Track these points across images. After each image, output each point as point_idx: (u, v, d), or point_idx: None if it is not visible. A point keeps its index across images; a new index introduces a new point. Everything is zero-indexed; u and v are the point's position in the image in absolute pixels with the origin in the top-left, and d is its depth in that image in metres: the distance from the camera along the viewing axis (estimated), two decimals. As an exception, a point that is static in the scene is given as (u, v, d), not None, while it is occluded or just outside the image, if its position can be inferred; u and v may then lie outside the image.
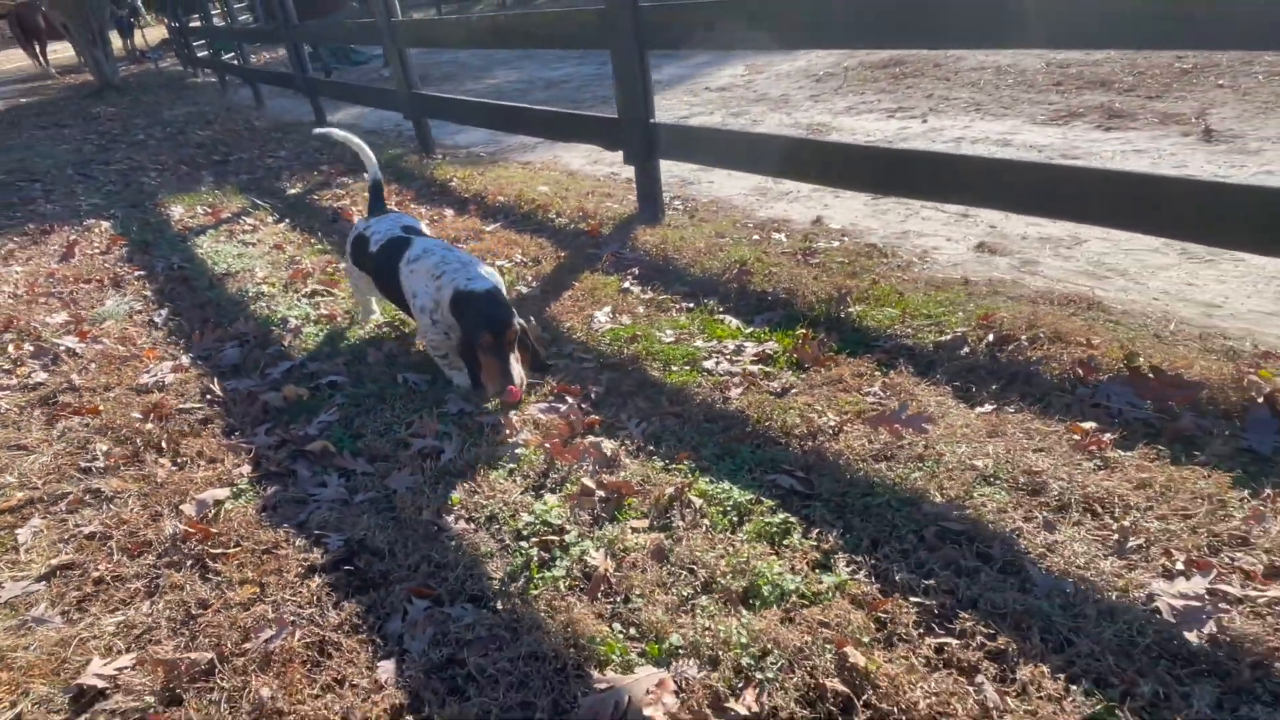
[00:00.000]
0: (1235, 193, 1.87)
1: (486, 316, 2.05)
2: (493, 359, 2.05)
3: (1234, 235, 1.91)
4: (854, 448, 1.86)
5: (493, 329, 2.03)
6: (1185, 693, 1.19)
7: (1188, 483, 1.60)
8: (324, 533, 1.77)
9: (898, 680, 1.25)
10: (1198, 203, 1.93)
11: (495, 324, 2.04)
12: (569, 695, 1.31)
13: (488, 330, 2.04)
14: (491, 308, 2.08)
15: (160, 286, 3.55)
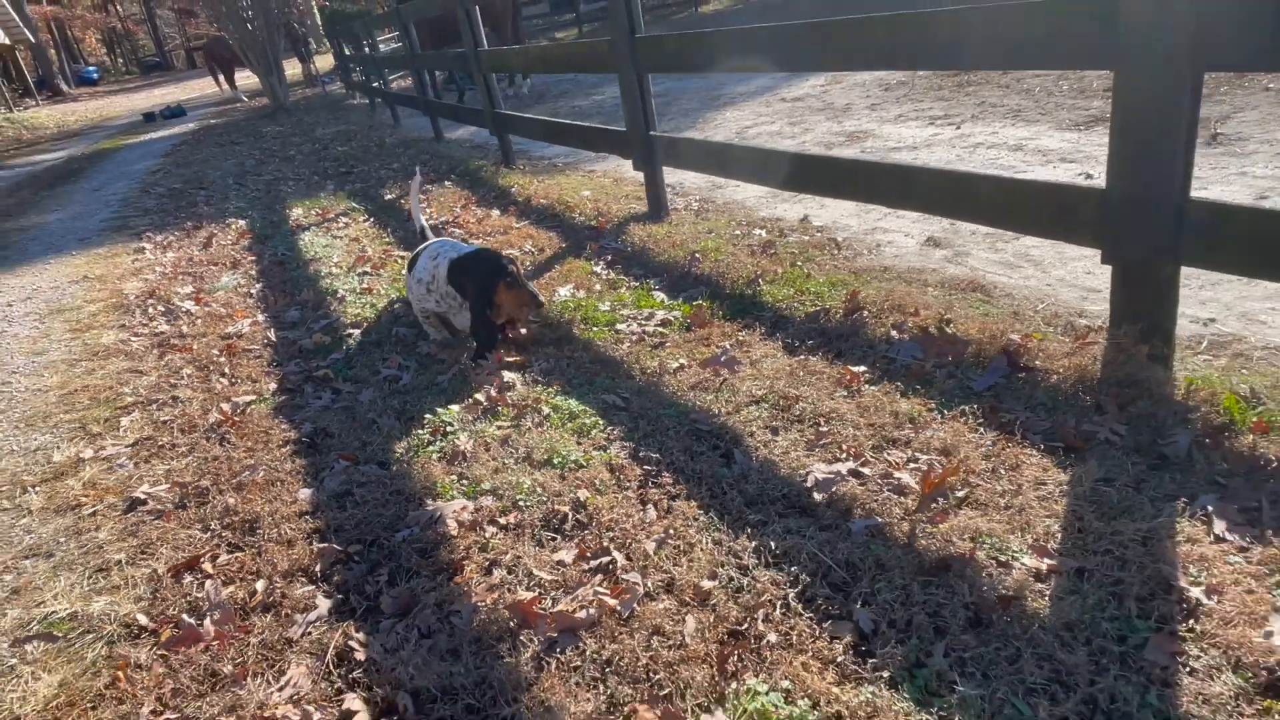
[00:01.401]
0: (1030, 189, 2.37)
1: (491, 265, 2.79)
2: (517, 290, 2.79)
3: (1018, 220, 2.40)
4: (680, 381, 2.53)
5: (505, 271, 2.78)
6: (785, 528, 1.80)
7: (894, 405, 2.16)
8: (304, 423, 2.67)
9: (602, 505, 1.94)
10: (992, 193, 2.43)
11: (503, 267, 2.78)
12: (412, 508, 2.09)
13: (503, 275, 2.77)
14: (489, 258, 2.83)
15: (263, 268, 4.71)
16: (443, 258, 2.94)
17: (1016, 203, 2.42)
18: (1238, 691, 1.25)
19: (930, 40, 2.44)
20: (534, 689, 1.48)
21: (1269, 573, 1.44)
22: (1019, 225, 2.48)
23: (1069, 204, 2.26)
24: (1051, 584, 1.49)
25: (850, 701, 1.33)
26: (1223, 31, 1.75)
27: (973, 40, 2.33)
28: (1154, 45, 1.89)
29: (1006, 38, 2.24)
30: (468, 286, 2.82)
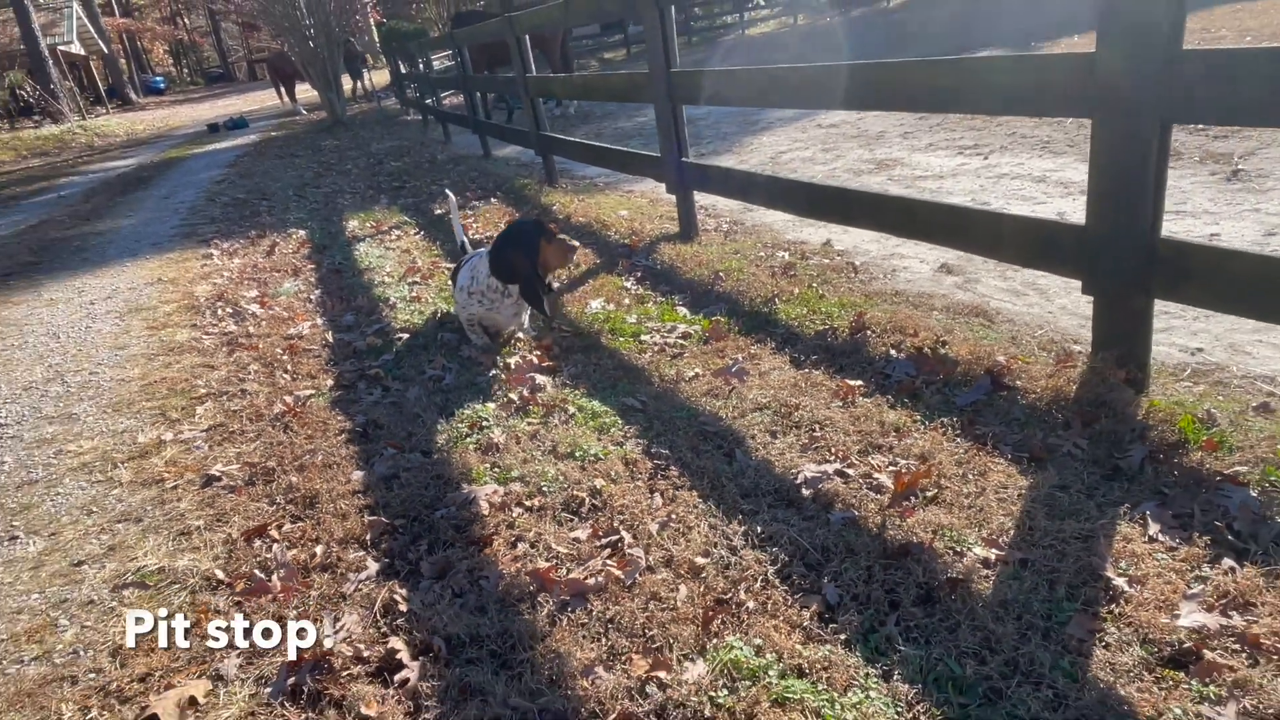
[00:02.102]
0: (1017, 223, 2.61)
1: (528, 231, 3.17)
2: (555, 243, 3.20)
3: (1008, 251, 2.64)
4: (693, 388, 2.80)
5: (543, 231, 3.17)
6: (773, 518, 2.06)
7: (882, 416, 2.40)
8: (357, 415, 3.00)
9: (615, 493, 2.23)
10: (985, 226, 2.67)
11: (538, 228, 3.18)
12: (450, 491, 2.40)
13: (541, 235, 3.15)
14: (523, 225, 3.23)
15: (321, 275, 5.11)
16: (478, 261, 3.31)
17: (1007, 235, 2.66)
18: (1142, 662, 1.47)
19: (933, 85, 2.70)
20: (547, 640, 1.76)
21: (1189, 568, 1.66)
22: (1008, 256, 2.72)
23: (1053, 238, 2.50)
24: (996, 570, 1.73)
25: (810, 656, 1.58)
26: (1188, 89, 1.98)
27: (971, 86, 2.58)
28: (1126, 98, 2.13)
29: (1000, 85, 2.49)
30: (510, 256, 3.15)
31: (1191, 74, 1.99)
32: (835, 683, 1.52)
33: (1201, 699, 1.38)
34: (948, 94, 2.65)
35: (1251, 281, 2.02)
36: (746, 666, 1.58)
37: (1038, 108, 2.44)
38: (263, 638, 1.86)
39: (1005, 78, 2.45)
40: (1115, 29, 2.07)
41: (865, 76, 2.97)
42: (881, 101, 3.02)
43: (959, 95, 2.61)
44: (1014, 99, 2.46)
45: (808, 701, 1.48)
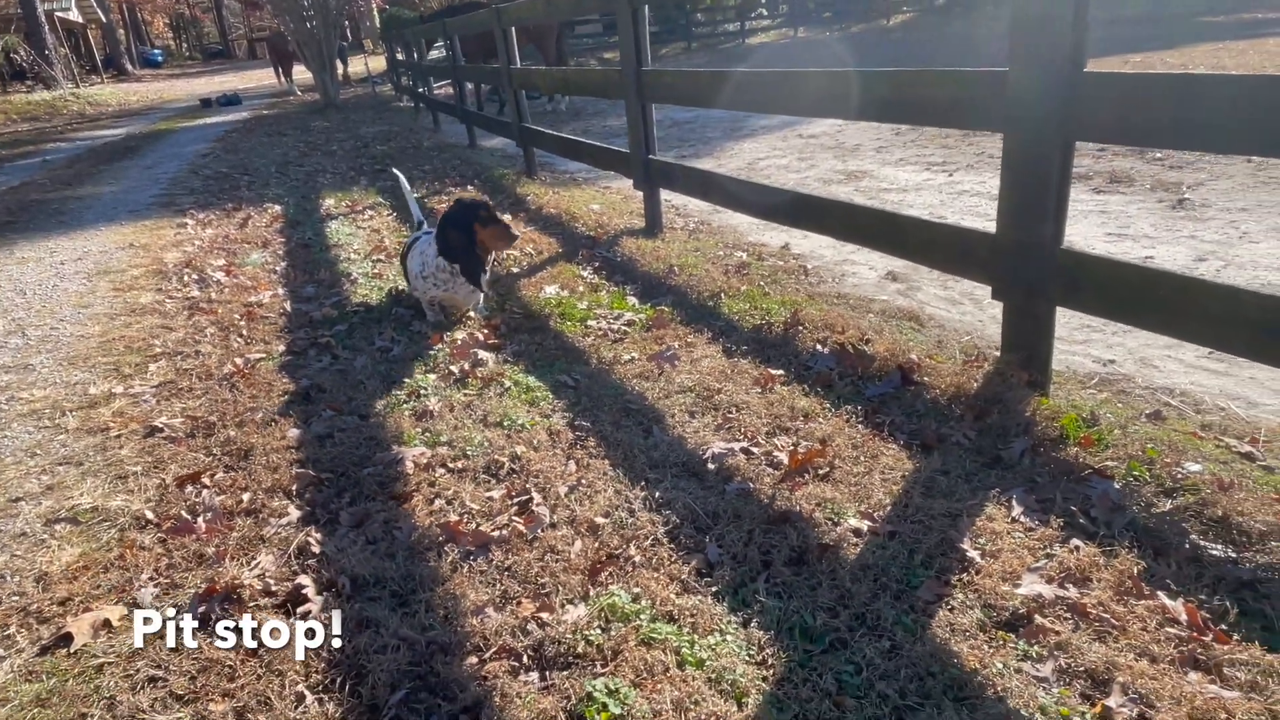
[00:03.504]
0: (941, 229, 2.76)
1: (466, 207, 3.26)
2: (493, 226, 3.24)
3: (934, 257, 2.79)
4: (627, 370, 2.94)
5: (477, 214, 3.23)
6: (675, 486, 2.20)
7: (794, 402, 2.55)
8: (302, 379, 3.12)
9: (534, 459, 2.36)
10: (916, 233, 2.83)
11: (475, 209, 3.24)
12: (380, 451, 2.52)
13: (477, 218, 3.23)
14: (464, 204, 3.28)
15: (290, 249, 5.22)
16: (426, 240, 3.38)
17: (933, 242, 2.82)
18: (978, 623, 1.62)
19: (869, 94, 2.85)
20: (447, 584, 1.89)
21: (1041, 546, 1.81)
22: (936, 262, 2.87)
23: (970, 246, 2.65)
24: (866, 540, 1.88)
25: (682, 605, 1.72)
26: (1088, 108, 2.14)
27: (898, 98, 2.74)
28: (1032, 114, 2.28)
29: (926, 97, 2.64)
30: (450, 235, 3.24)
31: (1092, 94, 2.15)
32: (699, 627, 1.65)
33: (1025, 657, 1.53)
34: (882, 103, 2.80)
35: (1137, 292, 2.17)
36: (622, 611, 1.71)
37: (959, 120, 2.60)
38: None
39: (931, 90, 2.61)
40: (1022, 48, 2.23)
41: (813, 84, 3.12)
42: (826, 108, 3.18)
43: (891, 105, 2.77)
44: (938, 110, 2.61)
45: (670, 642, 1.61)
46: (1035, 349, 2.53)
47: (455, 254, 3.28)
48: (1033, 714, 1.39)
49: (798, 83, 3.19)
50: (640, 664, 1.57)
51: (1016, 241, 2.44)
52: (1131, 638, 1.52)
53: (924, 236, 2.83)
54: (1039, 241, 2.37)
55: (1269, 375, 2.67)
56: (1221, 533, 1.78)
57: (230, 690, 1.62)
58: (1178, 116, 1.94)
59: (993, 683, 1.46)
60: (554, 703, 1.51)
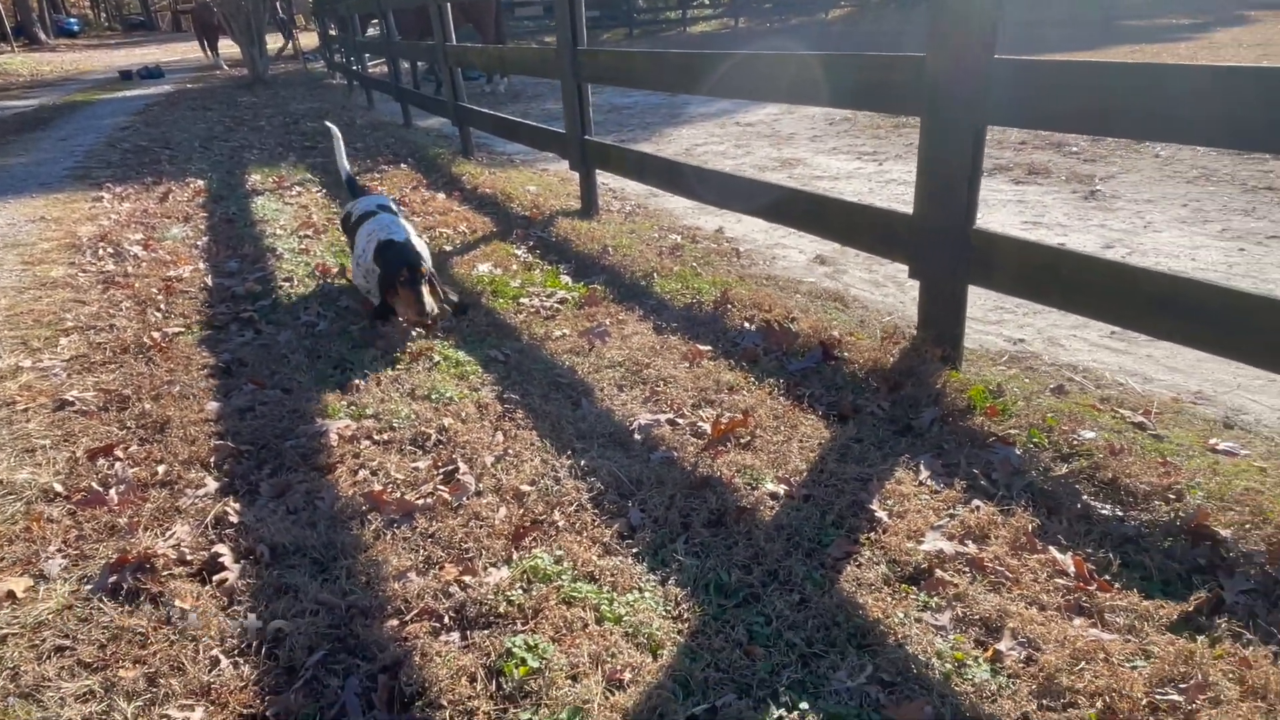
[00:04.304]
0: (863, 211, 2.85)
1: (401, 257, 2.90)
2: (408, 290, 2.86)
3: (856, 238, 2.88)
4: (558, 346, 2.96)
5: (409, 265, 2.88)
6: (601, 455, 2.24)
7: (720, 375, 2.61)
8: (224, 353, 3.05)
9: (461, 430, 2.37)
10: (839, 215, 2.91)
11: (408, 262, 2.88)
12: (303, 424, 2.49)
13: (405, 266, 2.88)
14: (404, 251, 2.93)
15: (213, 224, 5.07)
16: (377, 236, 3.08)
17: (855, 224, 2.91)
18: (883, 577, 1.70)
19: (794, 76, 2.92)
20: (370, 551, 1.89)
21: (945, 506, 1.91)
22: (857, 243, 2.97)
23: (889, 228, 2.75)
24: (782, 503, 1.95)
25: (603, 565, 1.76)
26: (999, 94, 2.23)
27: (818, 80, 2.81)
28: (947, 99, 2.38)
29: (847, 81, 2.72)
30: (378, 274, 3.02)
31: (1002, 81, 2.25)
32: (619, 586, 1.70)
33: (925, 608, 1.62)
34: (806, 86, 2.87)
35: (1041, 270, 2.29)
36: (544, 572, 1.75)
37: (880, 103, 2.68)
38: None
39: (855, 74, 2.69)
40: (939, 34, 2.32)
41: (743, 66, 3.18)
42: (748, 90, 3.24)
43: (818, 87, 2.84)
44: (861, 93, 2.70)
45: (590, 600, 1.66)
46: (949, 326, 2.64)
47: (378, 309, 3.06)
48: (930, 659, 1.47)
49: (729, 65, 3.25)
50: (560, 621, 1.61)
51: (931, 223, 2.54)
52: (1023, 588, 1.62)
53: (847, 219, 2.93)
54: (952, 223, 2.48)
55: (1165, 353, 2.84)
56: (1110, 493, 1.90)
57: (142, 657, 1.60)
58: (1081, 103, 2.05)
59: (894, 631, 1.54)
60: (474, 659, 1.53)
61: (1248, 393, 2.58)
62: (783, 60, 2.96)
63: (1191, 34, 13.55)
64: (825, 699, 1.40)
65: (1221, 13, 16.73)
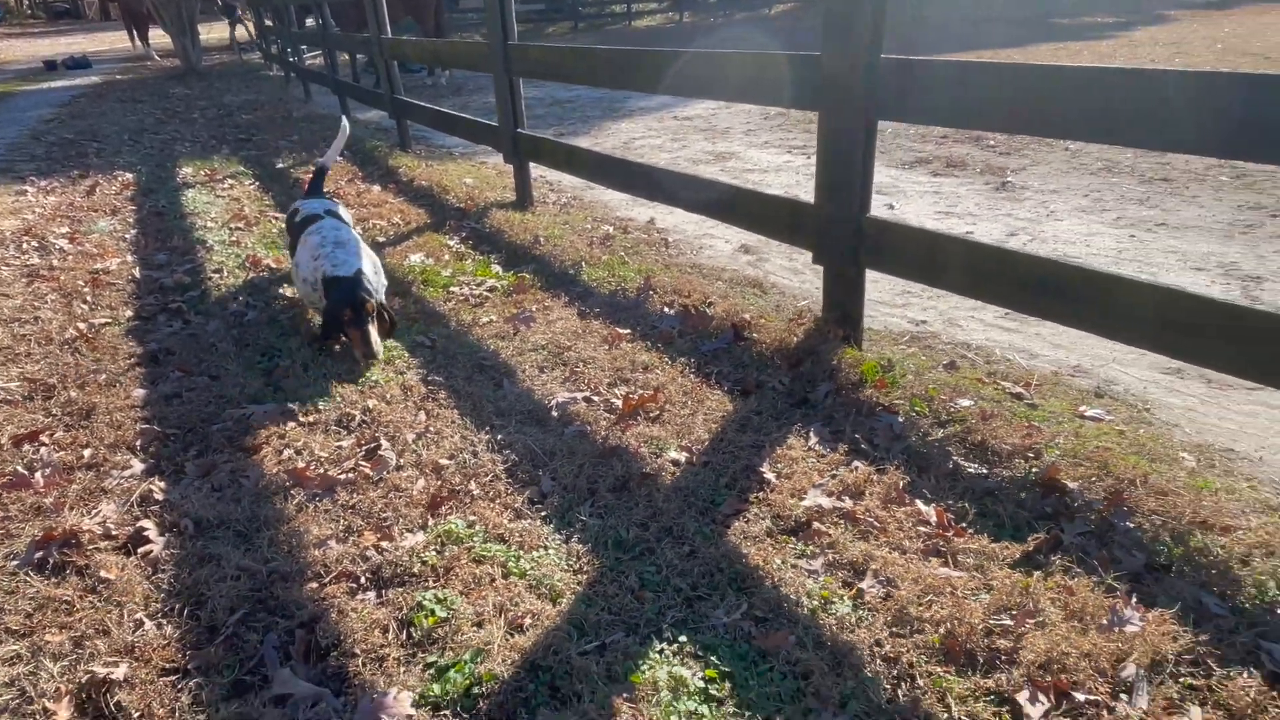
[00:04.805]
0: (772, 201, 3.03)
1: (347, 294, 2.75)
2: (354, 330, 2.75)
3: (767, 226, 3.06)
4: (484, 331, 3.09)
5: (352, 305, 2.74)
6: (518, 431, 2.37)
7: (637, 356, 2.77)
8: (151, 343, 3.11)
9: (385, 411, 2.48)
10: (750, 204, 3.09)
11: (354, 301, 2.75)
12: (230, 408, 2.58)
13: (349, 307, 2.73)
14: (352, 289, 2.76)
15: (142, 217, 5.06)
16: (324, 264, 2.89)
17: (766, 214, 3.09)
18: (767, 530, 1.88)
19: (698, 73, 3.09)
20: (292, 522, 2.00)
21: (828, 468, 2.10)
22: (769, 231, 3.15)
23: (795, 216, 2.93)
24: (683, 468, 2.11)
25: (513, 528, 1.90)
26: (885, 90, 2.42)
27: (728, 77, 2.99)
28: (840, 94, 2.56)
29: (751, 77, 2.90)
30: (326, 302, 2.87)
31: (888, 77, 2.44)
32: (526, 545, 1.85)
33: (801, 555, 1.80)
34: (717, 82, 3.05)
35: (927, 254, 2.49)
36: (457, 536, 1.88)
37: (782, 98, 2.86)
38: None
39: (760, 71, 2.87)
40: (830, 34, 2.50)
41: (662, 63, 3.34)
42: (666, 85, 3.39)
43: (728, 83, 3.01)
44: (766, 90, 2.87)
45: (498, 558, 1.80)
46: (849, 308, 2.84)
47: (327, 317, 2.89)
48: (800, 597, 1.65)
49: (650, 61, 3.40)
50: (469, 577, 1.75)
51: (830, 211, 2.73)
52: (889, 536, 1.81)
53: (759, 209, 3.11)
54: (848, 211, 2.67)
55: (1051, 332, 3.08)
56: (978, 453, 2.11)
57: (68, 623, 1.69)
58: (954, 98, 2.25)
59: (771, 575, 1.72)
60: (387, 614, 1.67)
61: (1121, 366, 2.82)
62: (697, 57, 3.13)
63: (1115, 32, 14.16)
64: (703, 633, 1.57)
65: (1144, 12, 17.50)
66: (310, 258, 2.97)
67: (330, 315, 2.81)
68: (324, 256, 2.91)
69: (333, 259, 2.89)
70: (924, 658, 1.48)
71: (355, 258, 2.93)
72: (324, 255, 2.91)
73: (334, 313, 2.79)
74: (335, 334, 2.86)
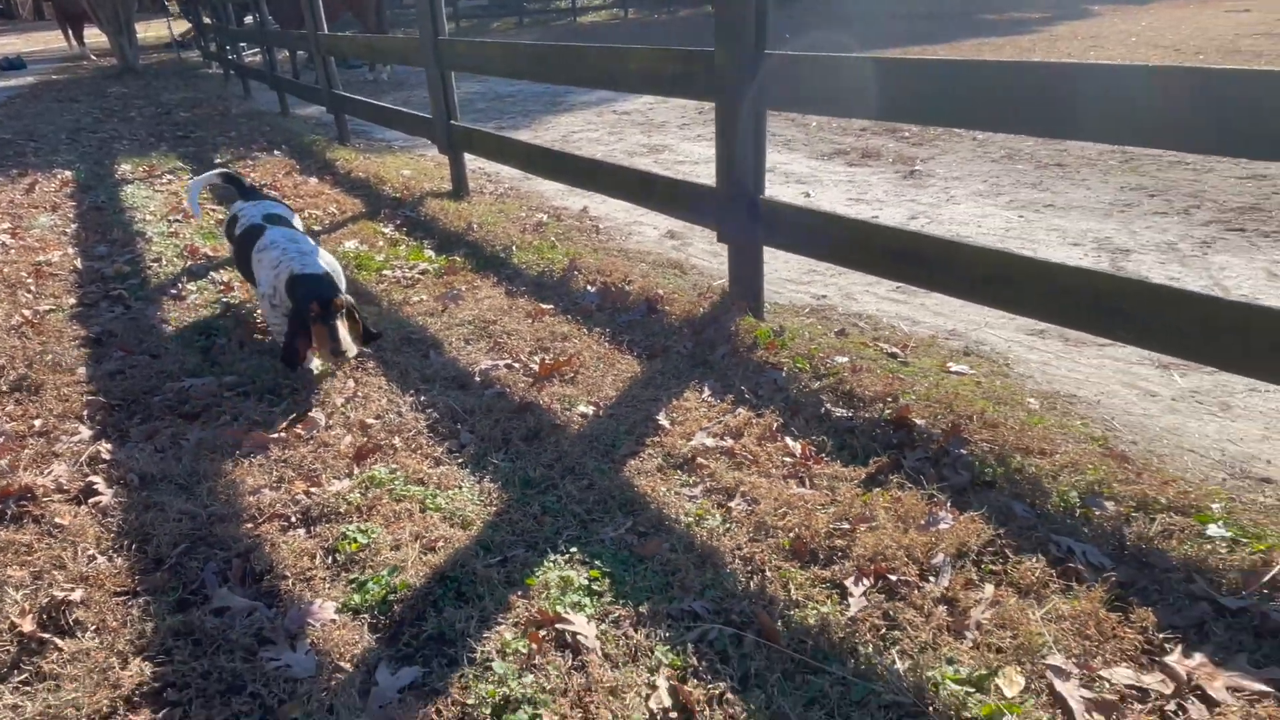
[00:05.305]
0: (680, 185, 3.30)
1: (315, 290, 2.54)
2: (321, 326, 2.50)
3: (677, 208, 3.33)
4: (414, 309, 3.31)
5: (320, 299, 2.51)
6: (442, 393, 2.61)
7: (557, 327, 3.02)
8: (94, 327, 3.27)
9: (313, 379, 2.70)
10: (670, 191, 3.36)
11: (322, 295, 2.53)
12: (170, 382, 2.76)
13: (316, 300, 2.50)
14: (318, 284, 2.57)
15: (81, 212, 5.16)
16: (284, 269, 2.69)
17: (678, 196, 3.36)
18: (658, 466, 2.15)
19: (603, 66, 3.35)
20: (228, 476, 2.21)
21: (716, 416, 2.38)
22: (679, 213, 3.42)
23: (701, 198, 3.21)
24: (589, 420, 2.38)
25: (432, 473, 2.15)
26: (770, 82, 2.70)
27: (627, 71, 3.25)
28: (732, 86, 2.83)
29: (658, 71, 3.16)
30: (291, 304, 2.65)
31: (772, 72, 2.72)
32: (442, 485, 2.09)
33: (684, 484, 2.07)
34: (616, 74, 3.31)
35: (812, 230, 2.78)
36: (380, 481, 2.12)
37: (685, 90, 3.13)
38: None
39: (663, 65, 3.13)
40: (721, 32, 2.78)
41: (578, 57, 3.59)
42: (575, 78, 3.66)
43: (634, 76, 3.28)
44: (669, 82, 3.14)
45: (417, 496, 2.04)
46: (750, 281, 3.13)
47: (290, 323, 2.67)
48: (678, 515, 1.93)
49: (567, 56, 3.66)
50: (390, 513, 1.99)
51: (729, 193, 3.01)
52: (759, 466, 2.10)
53: (669, 191, 3.38)
54: (744, 193, 2.95)
55: (935, 302, 3.41)
56: (846, 400, 2.41)
57: (28, 560, 1.89)
58: (827, 89, 2.54)
59: (656, 500, 1.99)
60: (314, 544, 1.90)
61: (991, 329, 3.16)
62: (604, 51, 3.39)
63: (1038, 27, 14.78)
64: (592, 546, 1.84)
65: (1069, 7, 18.23)
66: (270, 270, 2.74)
67: (295, 313, 2.58)
68: (284, 263, 2.70)
69: (299, 261, 2.69)
70: (775, 557, 1.76)
71: (317, 259, 2.75)
72: (284, 262, 2.70)
73: (299, 309, 2.56)
74: (304, 334, 2.57)
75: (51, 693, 1.50)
